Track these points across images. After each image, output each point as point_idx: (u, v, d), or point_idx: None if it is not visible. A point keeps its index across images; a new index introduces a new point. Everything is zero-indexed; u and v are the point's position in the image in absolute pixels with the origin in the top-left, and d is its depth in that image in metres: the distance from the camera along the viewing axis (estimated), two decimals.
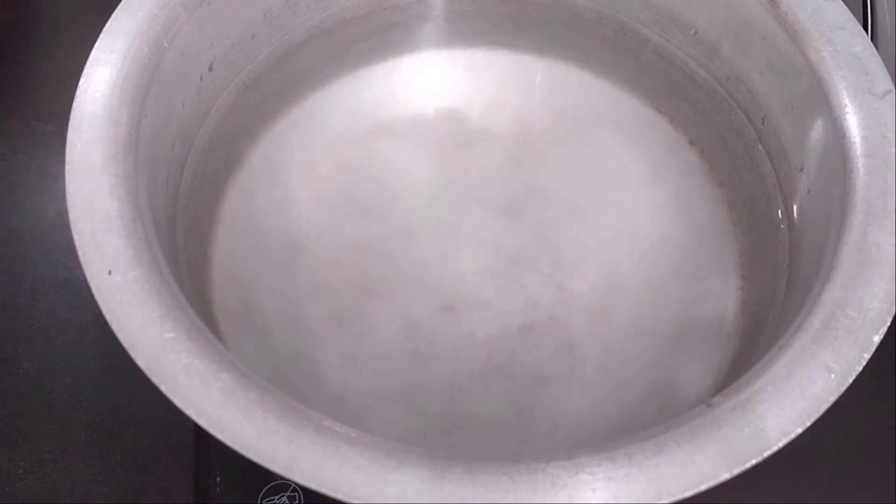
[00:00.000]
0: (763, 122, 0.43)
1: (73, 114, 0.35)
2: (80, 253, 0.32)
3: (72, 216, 0.33)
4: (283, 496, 0.44)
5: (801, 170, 0.40)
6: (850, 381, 0.31)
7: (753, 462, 0.29)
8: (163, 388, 0.30)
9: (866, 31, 0.46)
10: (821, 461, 0.46)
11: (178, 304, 0.32)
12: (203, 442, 0.47)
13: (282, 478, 0.29)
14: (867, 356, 0.31)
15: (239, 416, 0.29)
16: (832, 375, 0.31)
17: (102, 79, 0.36)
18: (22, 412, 0.49)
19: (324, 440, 0.29)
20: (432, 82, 0.52)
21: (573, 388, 0.43)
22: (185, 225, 0.41)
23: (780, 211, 0.43)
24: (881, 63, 0.37)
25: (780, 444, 0.29)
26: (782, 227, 0.42)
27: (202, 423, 0.29)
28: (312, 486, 0.28)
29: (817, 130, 0.38)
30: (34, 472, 0.47)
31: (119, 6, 0.38)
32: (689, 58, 0.46)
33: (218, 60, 0.43)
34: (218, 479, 0.45)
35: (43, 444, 0.48)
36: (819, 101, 0.37)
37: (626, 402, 0.43)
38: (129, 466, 0.47)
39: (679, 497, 0.29)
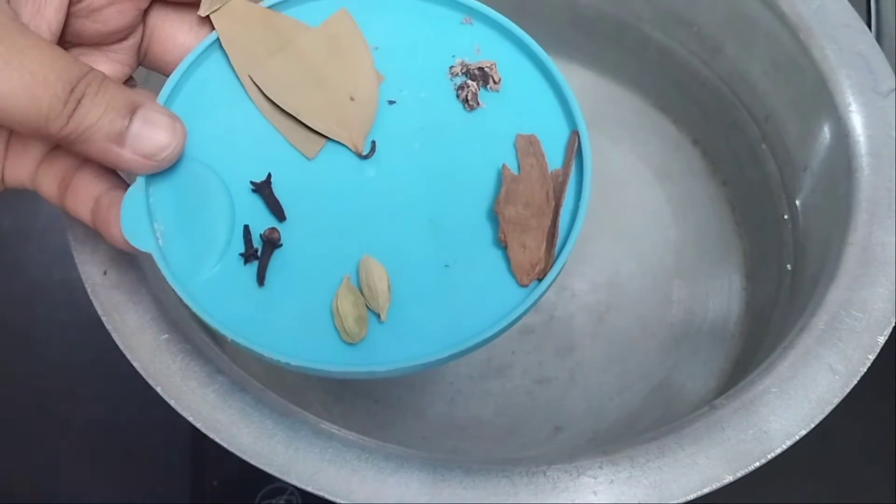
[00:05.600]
0: (767, 121, 0.43)
1: None
2: (74, 254, 0.32)
3: (66, 217, 0.33)
4: (281, 499, 0.44)
5: (806, 169, 0.40)
6: (855, 382, 0.30)
7: (757, 464, 0.29)
8: (159, 389, 0.29)
9: (870, 29, 0.46)
10: (821, 461, 0.46)
11: (174, 305, 0.32)
12: (200, 444, 0.46)
13: (279, 481, 0.28)
14: (872, 357, 0.31)
15: (236, 419, 0.29)
16: (836, 377, 0.30)
17: None
18: (18, 414, 0.49)
19: (321, 443, 0.29)
20: None
21: (574, 389, 0.43)
22: None
23: (784, 210, 0.42)
24: (885, 61, 0.37)
25: (784, 447, 0.29)
26: (787, 226, 0.42)
27: (199, 425, 0.29)
28: (310, 489, 0.28)
29: (821, 129, 0.38)
30: (30, 475, 0.47)
31: None
32: (692, 56, 0.46)
33: None
34: (214, 482, 0.45)
35: (39, 446, 0.48)
36: (823, 99, 0.37)
37: (628, 404, 0.43)
38: (125, 469, 0.47)
39: (682, 500, 0.28)
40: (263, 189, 0.27)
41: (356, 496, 0.28)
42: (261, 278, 0.26)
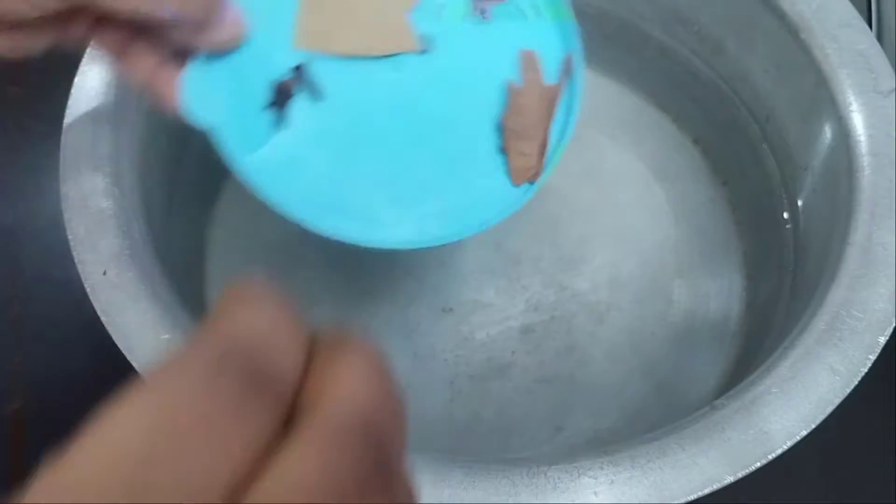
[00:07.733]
0: (767, 121, 0.43)
1: (67, 112, 0.35)
2: (74, 253, 0.32)
3: (66, 216, 0.32)
4: None
5: (806, 169, 0.40)
6: (856, 382, 0.30)
7: (758, 465, 0.29)
8: None
9: (871, 28, 0.46)
10: (821, 461, 0.46)
11: (174, 304, 0.31)
12: None
13: None
14: (872, 357, 0.31)
15: None
16: (837, 377, 0.30)
17: (98, 76, 0.36)
18: (15, 415, 0.49)
19: None
20: None
21: (574, 389, 0.43)
22: (180, 225, 0.41)
23: (784, 210, 0.42)
24: (886, 60, 0.37)
25: (785, 447, 0.29)
26: (787, 226, 0.42)
27: None
28: None
29: (822, 129, 0.38)
30: (27, 476, 0.47)
31: None
32: (692, 55, 0.46)
33: None
34: None
35: (37, 448, 0.47)
36: (824, 99, 0.37)
37: (629, 404, 0.42)
38: None
39: (682, 500, 0.28)
40: (302, 72, 0.30)
41: None
42: (279, 120, 0.29)
